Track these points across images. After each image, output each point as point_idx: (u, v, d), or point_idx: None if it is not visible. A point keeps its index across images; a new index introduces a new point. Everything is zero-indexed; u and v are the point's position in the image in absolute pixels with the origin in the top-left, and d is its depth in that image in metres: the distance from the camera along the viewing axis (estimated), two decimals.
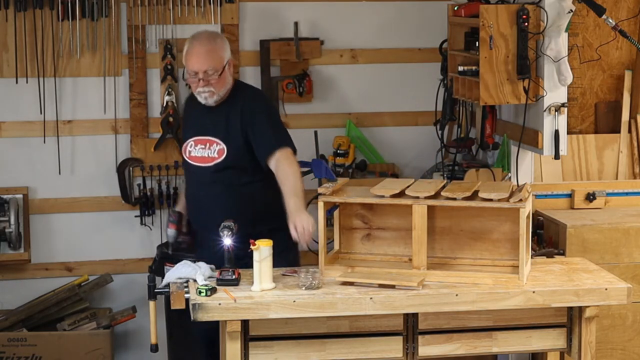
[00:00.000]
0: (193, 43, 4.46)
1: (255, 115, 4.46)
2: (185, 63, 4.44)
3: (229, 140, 4.45)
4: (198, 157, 4.51)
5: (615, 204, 5.26)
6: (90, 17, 5.43)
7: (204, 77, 4.39)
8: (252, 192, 4.44)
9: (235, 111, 4.47)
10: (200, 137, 4.51)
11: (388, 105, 5.81)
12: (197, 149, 4.51)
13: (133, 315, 5.52)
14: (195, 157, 4.52)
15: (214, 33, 4.64)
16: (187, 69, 4.44)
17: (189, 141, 4.54)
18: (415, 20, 5.78)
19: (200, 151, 4.50)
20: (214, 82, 4.40)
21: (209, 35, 4.53)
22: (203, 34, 4.54)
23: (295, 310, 3.88)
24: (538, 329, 4.09)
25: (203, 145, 4.50)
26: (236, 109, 4.47)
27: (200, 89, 4.42)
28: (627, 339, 4.97)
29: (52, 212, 5.58)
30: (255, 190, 4.45)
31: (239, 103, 4.48)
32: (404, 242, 4.25)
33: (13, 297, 5.54)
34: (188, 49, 4.45)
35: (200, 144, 4.51)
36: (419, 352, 4.02)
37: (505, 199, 4.01)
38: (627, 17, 5.56)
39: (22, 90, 5.47)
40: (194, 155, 4.52)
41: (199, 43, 4.44)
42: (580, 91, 5.66)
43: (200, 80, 4.39)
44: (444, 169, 5.45)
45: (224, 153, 4.45)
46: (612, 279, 4.14)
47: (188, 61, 4.42)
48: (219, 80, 4.41)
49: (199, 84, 4.41)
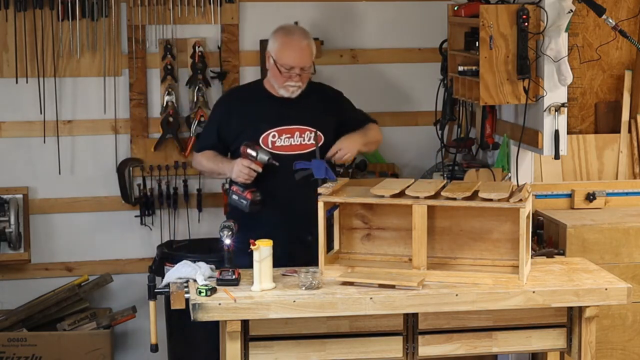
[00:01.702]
0: (291, 37, 4.48)
1: (341, 101, 4.73)
2: (281, 56, 4.45)
3: (322, 126, 4.53)
4: (287, 146, 4.51)
5: (615, 204, 5.26)
6: (90, 17, 5.43)
7: (300, 73, 4.44)
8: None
9: (321, 100, 4.61)
10: (284, 127, 4.51)
11: (388, 105, 5.81)
12: (283, 138, 4.50)
13: (133, 315, 5.52)
14: (282, 147, 4.51)
15: (301, 27, 4.70)
16: (281, 63, 4.44)
17: (270, 132, 4.50)
18: (415, 20, 5.78)
19: (287, 140, 4.51)
20: (304, 77, 4.48)
21: (301, 29, 4.60)
22: (295, 29, 4.61)
23: (295, 310, 3.88)
24: (538, 329, 4.09)
25: (289, 135, 4.51)
26: (316, 98, 4.59)
27: (291, 83, 4.47)
28: (627, 339, 4.97)
29: (52, 212, 5.58)
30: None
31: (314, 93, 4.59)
32: (404, 242, 4.25)
33: (13, 297, 5.54)
34: (285, 43, 4.47)
35: (286, 133, 4.51)
36: (419, 352, 4.02)
37: (505, 199, 4.01)
38: (627, 17, 5.57)
39: (22, 90, 5.47)
40: (281, 145, 4.51)
41: (297, 38, 4.49)
42: (580, 91, 5.66)
43: (296, 75, 4.44)
44: (444, 169, 5.45)
45: (322, 140, 4.52)
46: (612, 279, 4.14)
47: (287, 56, 4.44)
48: (307, 75, 4.51)
49: (291, 78, 4.45)
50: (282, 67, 4.44)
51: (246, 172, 4.41)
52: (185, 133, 5.61)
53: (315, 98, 4.61)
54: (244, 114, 4.59)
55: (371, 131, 4.75)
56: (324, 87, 4.76)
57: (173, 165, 5.61)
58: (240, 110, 4.61)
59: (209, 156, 4.62)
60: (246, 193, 4.44)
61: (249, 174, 4.41)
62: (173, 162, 5.62)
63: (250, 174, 4.42)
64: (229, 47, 5.62)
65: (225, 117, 4.63)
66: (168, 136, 5.57)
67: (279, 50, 4.46)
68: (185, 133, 5.61)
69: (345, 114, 4.70)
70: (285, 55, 4.45)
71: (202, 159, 4.65)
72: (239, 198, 4.47)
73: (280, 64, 4.45)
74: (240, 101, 4.64)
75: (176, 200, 5.63)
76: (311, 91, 4.59)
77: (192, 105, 5.60)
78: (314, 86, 4.66)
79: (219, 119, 4.66)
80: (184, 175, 5.62)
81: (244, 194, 4.44)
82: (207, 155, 4.63)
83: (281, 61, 4.45)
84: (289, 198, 4.49)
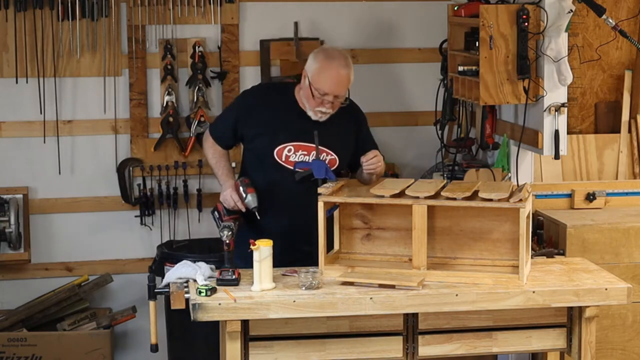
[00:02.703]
0: (331, 63, 4.30)
1: (364, 125, 4.60)
2: (317, 80, 4.28)
3: (340, 151, 4.44)
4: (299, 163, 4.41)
5: (615, 204, 5.26)
6: (90, 17, 5.43)
7: (333, 100, 4.32)
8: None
9: (346, 122, 4.47)
10: (302, 143, 4.40)
11: (388, 105, 5.81)
12: (298, 155, 4.40)
13: (133, 315, 5.52)
14: (295, 163, 4.41)
15: (344, 52, 4.44)
16: (316, 87, 4.28)
17: (287, 145, 4.39)
18: (415, 20, 5.78)
19: (302, 157, 4.40)
20: (337, 104, 4.35)
21: (345, 56, 4.36)
22: (339, 54, 4.35)
23: (295, 310, 3.88)
24: (538, 329, 4.08)
25: (305, 152, 4.40)
26: (349, 121, 4.48)
27: (322, 109, 4.33)
28: (627, 339, 4.97)
29: (52, 212, 5.59)
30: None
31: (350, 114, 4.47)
32: (404, 242, 4.25)
33: (13, 297, 5.54)
34: (324, 67, 4.29)
35: (302, 150, 4.40)
36: (419, 352, 4.02)
37: (505, 199, 4.01)
38: (627, 17, 5.57)
39: (22, 90, 5.47)
40: (294, 161, 4.40)
41: (338, 65, 4.30)
42: (580, 91, 5.67)
43: (329, 102, 4.31)
44: (444, 169, 5.45)
45: (335, 163, 4.43)
46: (612, 279, 4.14)
47: (323, 82, 4.27)
48: (340, 102, 4.36)
49: (323, 104, 4.32)
50: (316, 90, 4.30)
51: (231, 205, 4.39)
52: (185, 133, 5.61)
53: (341, 120, 4.44)
54: (265, 117, 4.45)
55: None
56: (357, 109, 4.58)
57: (173, 165, 5.61)
58: (263, 112, 4.46)
59: (217, 155, 4.55)
60: (225, 218, 4.40)
61: (233, 207, 4.39)
62: (173, 162, 5.62)
63: (234, 208, 4.39)
64: (229, 47, 5.62)
65: (245, 111, 4.49)
66: (168, 136, 5.57)
67: (317, 74, 4.29)
68: (185, 133, 5.61)
69: (360, 136, 4.57)
70: (322, 80, 4.28)
71: (210, 150, 4.57)
72: (218, 217, 4.46)
73: (315, 87, 4.29)
74: (265, 102, 4.50)
75: (176, 200, 5.63)
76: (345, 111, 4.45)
77: (192, 105, 5.60)
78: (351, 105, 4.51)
79: (239, 111, 4.52)
80: (184, 175, 5.62)
81: (224, 218, 4.41)
82: (215, 151, 4.55)
83: (316, 85, 4.28)
84: (289, 209, 4.44)
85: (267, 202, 4.41)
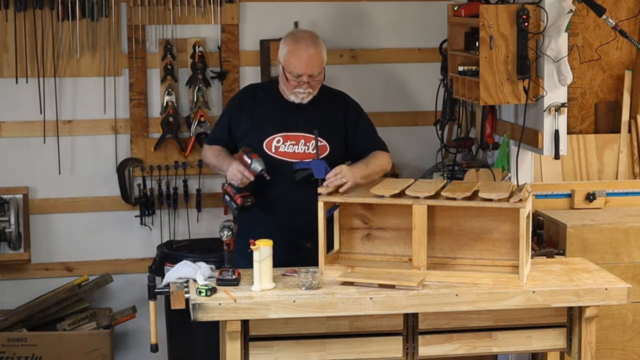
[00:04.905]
0: (299, 45, 4.37)
1: (360, 115, 4.59)
2: (288, 64, 4.36)
3: (330, 137, 4.46)
4: (290, 153, 4.44)
5: (615, 204, 5.26)
6: (90, 17, 5.43)
7: (308, 80, 4.37)
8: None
9: (332, 109, 4.51)
10: (290, 133, 4.45)
11: (388, 105, 5.81)
12: (287, 145, 4.45)
13: (133, 315, 5.52)
14: (285, 153, 4.45)
15: (313, 33, 4.49)
16: (289, 70, 4.36)
17: (275, 136, 4.45)
18: (415, 20, 5.78)
19: (291, 147, 4.45)
20: (314, 84, 4.40)
21: (312, 36, 4.43)
22: (306, 35, 4.44)
23: (295, 310, 3.88)
24: (538, 329, 4.09)
25: (294, 142, 4.46)
26: (337, 111, 4.51)
27: (300, 90, 4.39)
28: (627, 339, 4.97)
29: (52, 212, 5.58)
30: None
31: (329, 101, 4.50)
32: (404, 242, 4.25)
33: (13, 297, 5.54)
34: (292, 51, 4.37)
35: (291, 140, 4.46)
36: (419, 352, 4.02)
37: (505, 199, 4.01)
38: (627, 17, 5.57)
39: (22, 90, 5.47)
40: (284, 151, 4.45)
41: (305, 45, 4.36)
42: (580, 91, 5.67)
43: (305, 82, 4.36)
44: (444, 169, 5.45)
45: (326, 150, 4.46)
46: (612, 279, 4.14)
47: (293, 64, 4.34)
48: (318, 81, 4.42)
49: (299, 85, 4.38)
50: (289, 74, 4.38)
51: (239, 177, 4.36)
52: (185, 133, 5.61)
53: (328, 107, 4.52)
54: (253, 114, 4.54)
55: (376, 160, 4.54)
56: (341, 96, 4.63)
57: (173, 165, 5.61)
58: (251, 110, 4.55)
59: (216, 152, 4.59)
60: (237, 197, 4.38)
61: (242, 180, 4.37)
62: (173, 162, 5.62)
63: (242, 180, 4.37)
64: (229, 47, 5.62)
65: (236, 113, 4.58)
66: (168, 136, 5.57)
67: (287, 58, 4.37)
68: (185, 133, 5.61)
69: (357, 130, 4.57)
70: (292, 62, 4.36)
71: (208, 153, 4.62)
72: (230, 200, 4.44)
73: (288, 70, 4.37)
74: (252, 100, 4.58)
75: (176, 200, 5.63)
76: (326, 98, 4.52)
77: (192, 105, 5.60)
78: (331, 93, 4.59)
79: (230, 114, 4.62)
80: (184, 175, 5.62)
81: (235, 198, 4.39)
82: (214, 150, 4.60)
83: (289, 68, 4.37)
84: (289, 205, 4.45)
85: (266, 199, 4.42)
